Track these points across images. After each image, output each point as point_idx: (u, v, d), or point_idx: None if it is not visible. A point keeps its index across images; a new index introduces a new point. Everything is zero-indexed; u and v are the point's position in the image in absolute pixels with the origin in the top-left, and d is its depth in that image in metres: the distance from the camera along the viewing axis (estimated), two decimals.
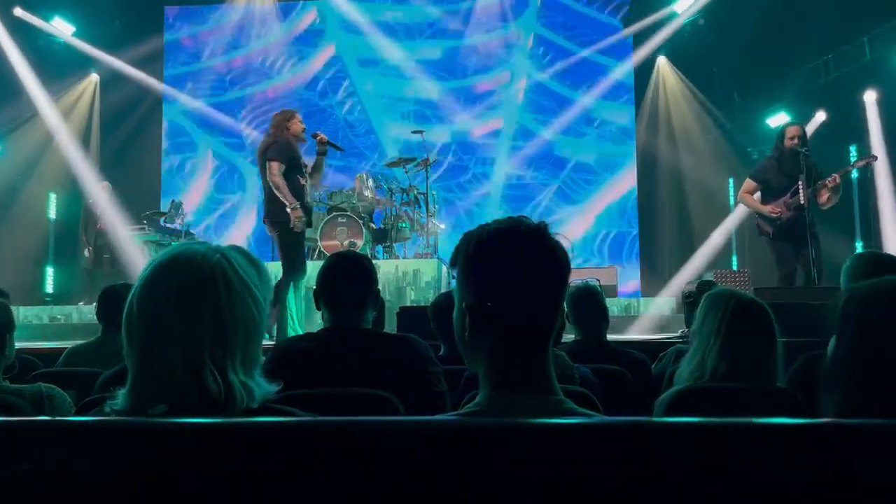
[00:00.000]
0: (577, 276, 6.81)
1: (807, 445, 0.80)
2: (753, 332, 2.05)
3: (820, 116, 8.81)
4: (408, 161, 8.24)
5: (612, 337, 4.08)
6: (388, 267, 7.18)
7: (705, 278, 6.32)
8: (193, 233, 9.27)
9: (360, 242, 7.31)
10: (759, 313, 2.07)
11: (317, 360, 2.20)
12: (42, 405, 2.00)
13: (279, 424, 0.91)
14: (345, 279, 2.33)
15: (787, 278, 5.78)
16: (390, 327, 4.75)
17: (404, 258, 7.89)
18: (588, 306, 3.12)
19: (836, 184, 5.66)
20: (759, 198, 5.97)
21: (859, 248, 8.38)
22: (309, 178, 5.67)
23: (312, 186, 5.84)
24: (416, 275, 7.17)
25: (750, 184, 6.03)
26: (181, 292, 1.17)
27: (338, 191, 8.01)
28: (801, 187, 5.62)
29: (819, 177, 5.74)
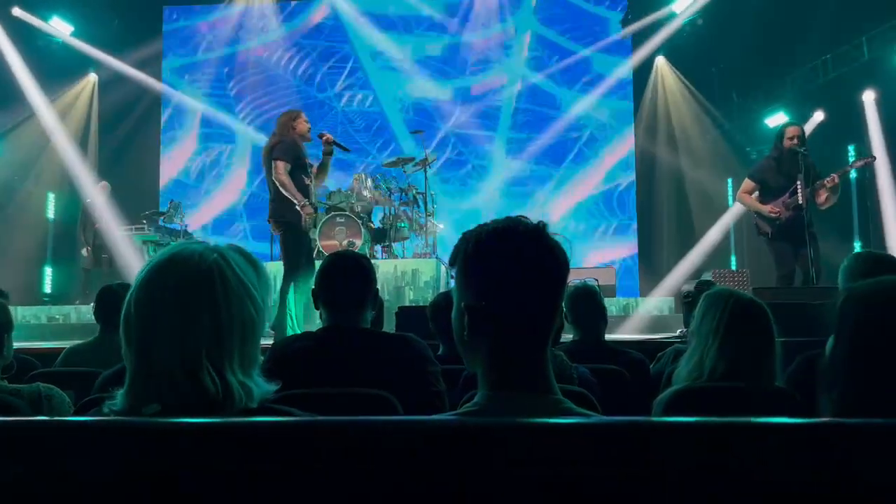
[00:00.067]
0: (576, 275, 6.80)
1: (805, 445, 0.80)
2: (752, 331, 2.05)
3: (818, 116, 8.82)
4: (406, 161, 8.24)
5: (611, 337, 4.08)
6: (386, 267, 7.18)
7: (704, 278, 6.31)
8: (191, 232, 9.27)
9: (358, 242, 7.31)
10: (757, 313, 2.07)
11: (315, 360, 2.20)
12: (40, 405, 2.00)
13: (278, 424, 0.91)
14: (343, 279, 2.32)
15: (785, 278, 5.78)
16: (389, 327, 4.75)
17: (403, 258, 7.89)
18: (586, 306, 3.12)
19: (834, 184, 5.66)
20: (757, 197, 5.96)
21: (858, 248, 8.38)
22: (314, 178, 5.68)
23: (317, 186, 5.86)
24: (415, 274, 7.18)
25: (748, 184, 6.03)
26: (178, 292, 1.16)
27: (336, 190, 8.00)
28: (799, 187, 5.62)
29: (818, 177, 5.73)
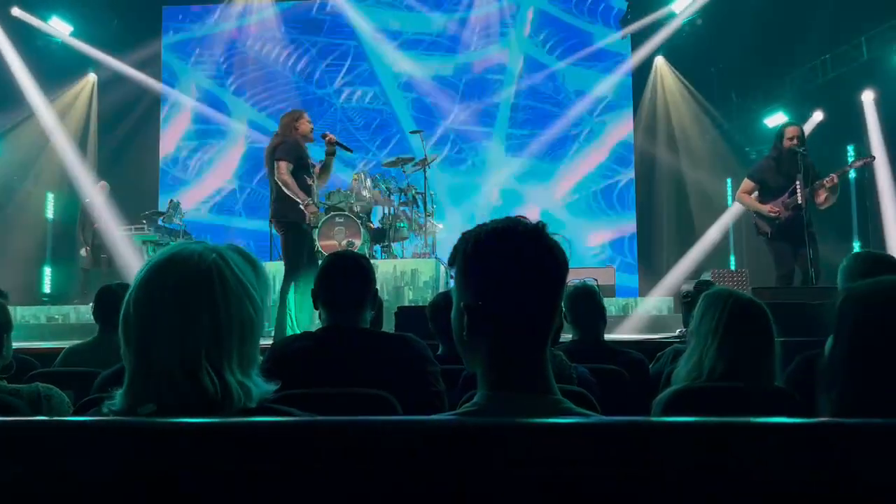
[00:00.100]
0: (575, 275, 6.80)
1: (804, 445, 0.80)
2: (751, 331, 2.05)
3: (817, 116, 8.83)
4: (406, 161, 8.23)
5: (610, 336, 4.08)
6: (386, 267, 7.17)
7: (703, 278, 6.31)
8: (190, 233, 9.27)
9: (358, 242, 7.30)
10: (756, 313, 2.07)
11: (315, 360, 2.20)
12: (40, 405, 2.00)
13: (277, 424, 0.91)
14: (343, 279, 2.32)
15: (784, 278, 5.78)
16: (388, 327, 4.75)
17: (402, 258, 7.88)
18: (586, 306, 3.12)
19: (833, 184, 5.66)
20: (756, 197, 5.96)
21: (857, 248, 8.39)
22: (317, 178, 5.70)
23: (319, 186, 5.88)
24: (415, 274, 7.17)
25: (748, 184, 6.03)
26: (177, 292, 1.16)
27: (335, 190, 8.00)
28: (798, 187, 5.63)
29: (817, 176, 5.74)
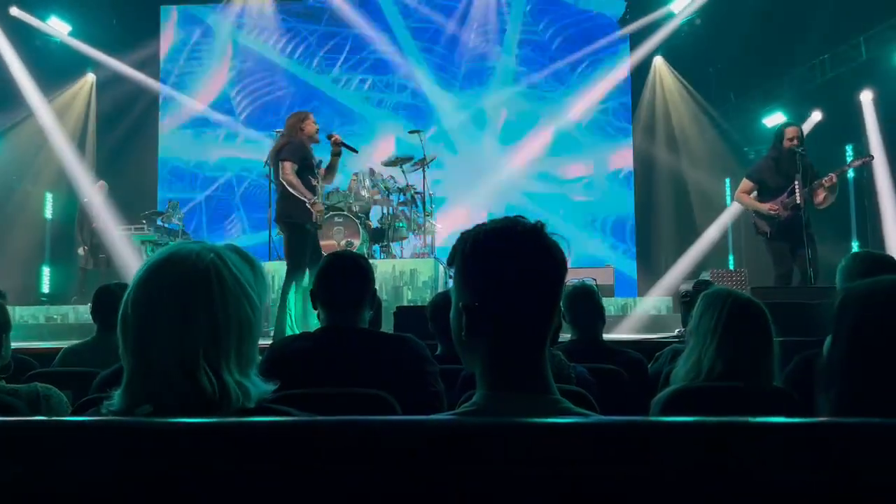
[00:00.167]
0: (574, 275, 6.79)
1: (803, 445, 0.80)
2: (750, 331, 2.05)
3: (816, 116, 8.83)
4: (405, 160, 8.23)
5: (609, 336, 4.08)
6: (385, 266, 7.17)
7: (702, 278, 6.32)
8: (188, 232, 9.27)
9: (356, 242, 7.30)
10: (755, 313, 2.07)
11: (313, 360, 2.20)
12: (38, 405, 1.99)
13: (275, 424, 0.91)
14: (341, 279, 2.32)
15: (783, 277, 5.79)
16: (387, 327, 4.75)
17: (401, 258, 7.88)
18: (584, 305, 3.12)
19: (832, 183, 5.67)
20: (755, 197, 5.97)
21: (855, 247, 8.39)
22: (322, 179, 5.73)
23: (324, 184, 5.91)
24: (413, 274, 7.17)
25: (747, 184, 6.03)
26: (174, 291, 1.16)
27: (334, 190, 8.00)
28: (797, 187, 5.63)
29: (815, 176, 5.75)
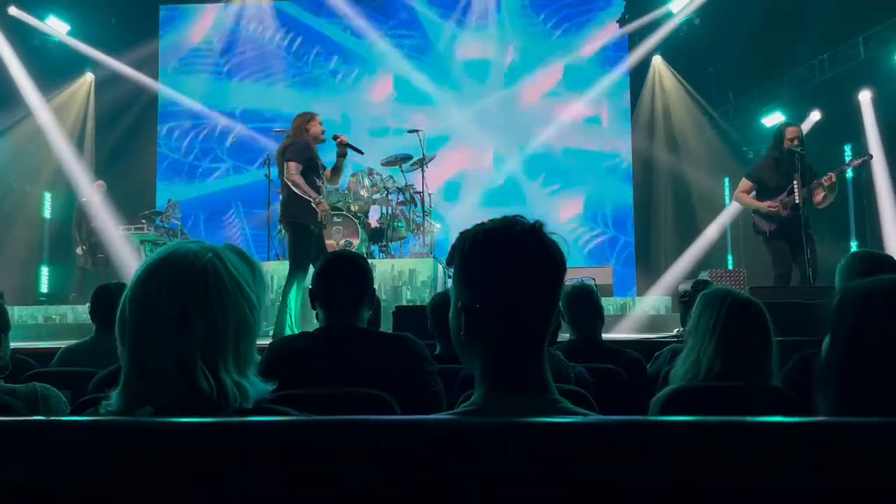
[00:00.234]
0: (573, 275, 6.79)
1: (801, 444, 0.80)
2: (748, 331, 2.05)
3: (815, 116, 8.83)
4: (404, 160, 8.23)
5: (608, 336, 4.08)
6: (383, 266, 7.17)
7: (701, 277, 6.32)
8: (187, 232, 9.26)
9: (355, 242, 7.30)
10: (754, 313, 2.07)
11: (312, 360, 2.20)
12: (37, 405, 1.99)
13: (274, 424, 0.91)
14: (341, 279, 2.32)
15: (782, 277, 5.79)
16: (386, 327, 4.75)
17: (400, 257, 7.88)
18: (583, 305, 3.12)
19: (831, 182, 5.68)
20: (754, 197, 5.98)
21: (854, 247, 8.40)
22: (329, 179, 5.75)
23: (330, 185, 5.93)
24: (412, 274, 7.17)
25: (746, 183, 6.04)
26: (172, 291, 1.16)
27: (333, 190, 7.99)
28: (796, 187, 5.64)
29: (814, 176, 5.75)
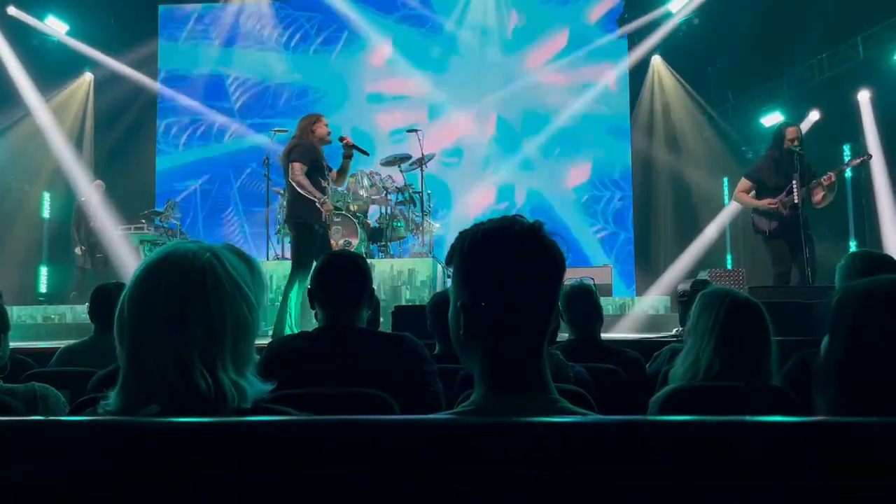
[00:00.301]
0: (572, 274, 6.79)
1: (801, 444, 0.80)
2: (748, 331, 2.05)
3: (814, 116, 8.84)
4: (403, 160, 8.22)
5: (607, 336, 4.08)
6: (383, 266, 7.17)
7: (700, 277, 6.32)
8: (185, 232, 9.26)
9: (355, 241, 7.30)
10: (753, 312, 2.07)
11: (312, 360, 2.20)
12: (36, 405, 1.99)
13: (273, 424, 0.91)
14: (340, 279, 2.32)
15: (781, 276, 5.80)
16: (385, 326, 4.75)
17: (399, 257, 7.88)
18: (582, 305, 3.12)
19: (831, 182, 5.68)
20: (753, 196, 5.98)
21: (853, 247, 8.40)
22: (334, 180, 5.77)
23: (336, 186, 5.95)
24: (412, 274, 7.17)
25: (745, 183, 6.04)
26: (170, 291, 1.16)
27: (334, 190, 7.98)
28: (795, 186, 5.64)
29: (814, 176, 5.76)
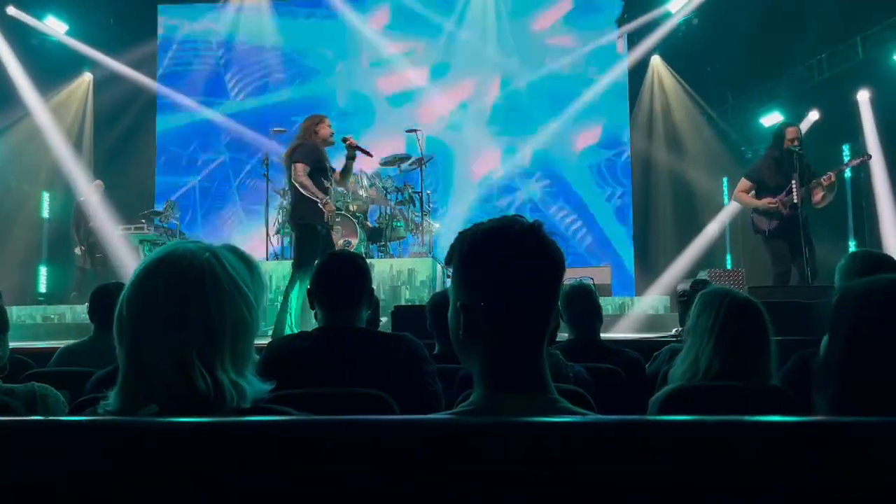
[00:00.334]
0: (572, 274, 6.79)
1: (800, 443, 0.80)
2: (747, 330, 2.05)
3: (813, 116, 8.83)
4: (403, 160, 8.22)
5: (607, 336, 4.08)
6: (382, 266, 7.17)
7: (699, 277, 6.32)
8: (185, 231, 9.26)
9: (354, 241, 7.30)
10: (753, 312, 2.07)
11: (311, 360, 2.20)
12: (35, 405, 1.99)
13: (273, 424, 0.91)
14: (339, 278, 2.32)
15: (782, 276, 5.80)
16: (385, 326, 4.75)
17: (399, 257, 7.88)
18: (582, 305, 3.12)
19: (830, 182, 5.69)
20: (753, 196, 5.99)
21: (852, 247, 8.40)
22: (337, 181, 5.78)
23: (339, 187, 5.98)
24: (411, 274, 7.17)
25: (745, 183, 6.04)
26: (169, 291, 1.16)
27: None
28: (794, 186, 5.64)
29: (813, 176, 5.76)
